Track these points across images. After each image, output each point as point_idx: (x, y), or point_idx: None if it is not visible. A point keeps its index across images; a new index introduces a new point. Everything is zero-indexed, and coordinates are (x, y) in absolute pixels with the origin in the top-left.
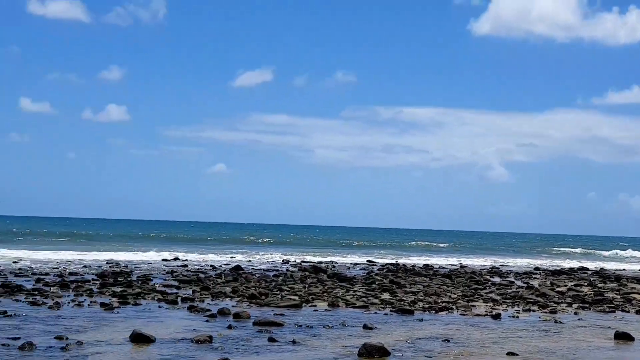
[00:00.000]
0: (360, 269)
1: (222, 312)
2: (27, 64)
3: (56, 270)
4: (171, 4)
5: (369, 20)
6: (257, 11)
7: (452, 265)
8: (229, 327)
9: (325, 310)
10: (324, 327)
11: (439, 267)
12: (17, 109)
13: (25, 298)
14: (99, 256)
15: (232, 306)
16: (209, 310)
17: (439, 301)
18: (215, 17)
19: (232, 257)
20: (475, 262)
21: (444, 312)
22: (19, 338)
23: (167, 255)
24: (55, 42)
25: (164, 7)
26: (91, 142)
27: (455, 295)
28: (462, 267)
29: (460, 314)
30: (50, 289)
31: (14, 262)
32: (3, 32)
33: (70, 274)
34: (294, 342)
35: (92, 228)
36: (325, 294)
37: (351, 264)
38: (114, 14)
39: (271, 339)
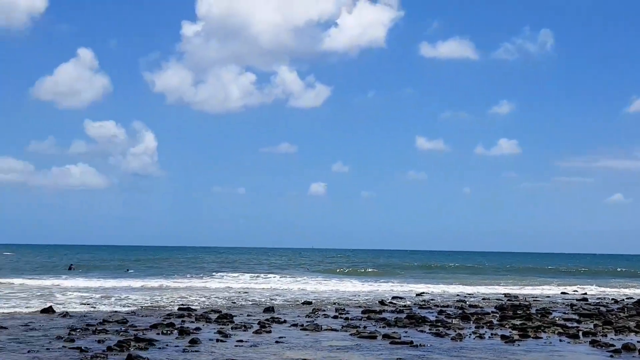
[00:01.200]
0: None
1: (627, 348)
2: (421, 104)
3: (457, 302)
4: (558, 35)
5: None
6: None
7: None
8: None
9: None
10: None
11: None
12: (414, 147)
13: (429, 329)
14: (491, 289)
15: (638, 341)
16: (612, 345)
17: None
18: (603, 43)
19: (634, 290)
20: None
21: None
22: None
23: (567, 288)
24: (447, 82)
25: (551, 38)
26: (484, 176)
27: None
28: None
29: None
30: (452, 321)
31: (417, 295)
32: (399, 77)
33: (470, 306)
34: None
35: (479, 260)
36: None
37: None
38: (502, 49)
39: None
